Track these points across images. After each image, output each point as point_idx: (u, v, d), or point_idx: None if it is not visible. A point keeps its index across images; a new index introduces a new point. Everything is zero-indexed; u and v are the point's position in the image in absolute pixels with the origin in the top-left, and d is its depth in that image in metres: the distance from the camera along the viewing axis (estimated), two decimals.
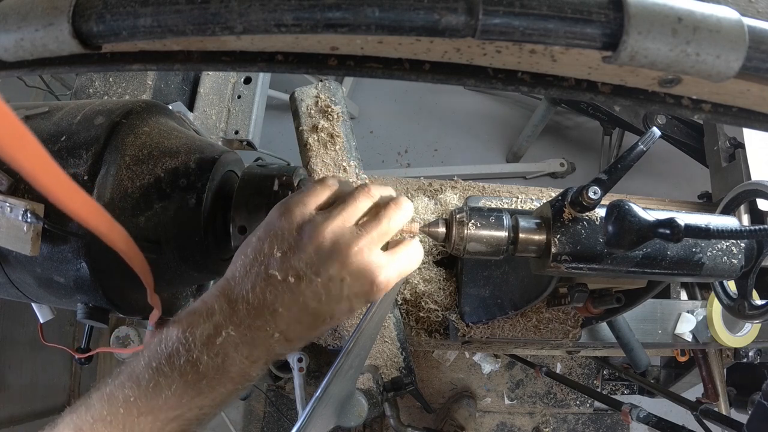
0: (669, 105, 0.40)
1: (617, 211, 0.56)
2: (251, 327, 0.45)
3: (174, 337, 0.45)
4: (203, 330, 0.45)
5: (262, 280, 0.45)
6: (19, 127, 0.34)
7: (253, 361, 0.46)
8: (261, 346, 0.46)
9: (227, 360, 0.45)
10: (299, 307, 0.46)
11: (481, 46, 0.36)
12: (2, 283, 0.68)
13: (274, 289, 0.45)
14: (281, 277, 0.45)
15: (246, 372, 0.47)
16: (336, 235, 0.46)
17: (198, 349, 0.45)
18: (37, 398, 2.00)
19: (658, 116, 1.56)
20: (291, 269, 0.45)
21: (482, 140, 2.64)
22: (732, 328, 1.08)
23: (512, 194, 1.06)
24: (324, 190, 0.51)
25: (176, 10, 0.32)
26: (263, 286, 0.45)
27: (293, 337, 0.47)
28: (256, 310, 0.45)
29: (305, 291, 0.45)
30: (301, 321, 0.46)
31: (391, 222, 0.49)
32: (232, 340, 0.45)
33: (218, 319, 0.45)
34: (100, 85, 1.11)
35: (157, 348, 0.46)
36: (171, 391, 0.44)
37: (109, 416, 0.45)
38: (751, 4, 0.37)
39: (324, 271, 0.45)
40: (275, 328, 0.46)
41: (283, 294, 0.45)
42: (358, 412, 0.86)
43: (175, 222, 0.65)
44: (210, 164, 0.68)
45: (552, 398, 2.03)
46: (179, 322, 0.46)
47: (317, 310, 0.46)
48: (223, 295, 0.47)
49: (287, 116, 1.11)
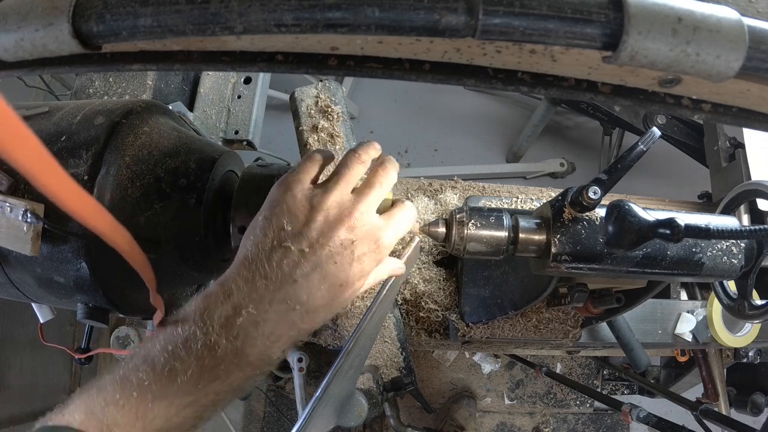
0: (669, 105, 0.40)
1: (617, 211, 0.56)
2: (272, 301, 0.46)
3: (191, 321, 0.45)
4: (222, 311, 0.45)
5: (278, 254, 0.46)
6: (20, 126, 0.34)
7: (275, 340, 0.46)
8: (282, 322, 0.46)
9: (247, 341, 0.45)
10: (317, 274, 0.47)
11: (481, 46, 0.36)
12: (2, 283, 0.68)
13: (290, 260, 0.46)
14: (296, 248, 0.46)
15: (266, 354, 0.46)
16: (338, 203, 0.49)
17: (216, 333, 0.44)
18: (37, 398, 2.00)
19: (658, 116, 1.56)
20: (304, 239, 0.47)
21: (482, 140, 2.64)
22: (732, 328, 1.08)
23: (512, 194, 1.06)
24: (314, 165, 0.54)
25: (176, 10, 0.32)
26: (279, 258, 0.46)
27: (314, 308, 0.47)
28: (275, 284, 0.46)
29: (321, 257, 0.47)
30: (320, 288, 0.47)
31: (383, 185, 0.53)
32: (253, 318, 0.45)
33: (237, 299, 0.45)
34: (100, 85, 1.11)
35: (174, 332, 0.45)
36: (187, 376, 0.44)
37: (122, 400, 0.44)
38: (751, 4, 0.37)
39: (335, 236, 0.47)
40: (296, 300, 0.46)
41: (300, 263, 0.46)
42: (358, 412, 0.86)
43: (175, 222, 0.65)
44: (210, 164, 0.68)
45: (552, 398, 2.03)
46: (196, 306, 0.46)
47: (334, 274, 0.47)
48: (240, 275, 0.47)
49: (287, 116, 1.11)
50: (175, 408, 0.44)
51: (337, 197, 0.49)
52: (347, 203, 0.50)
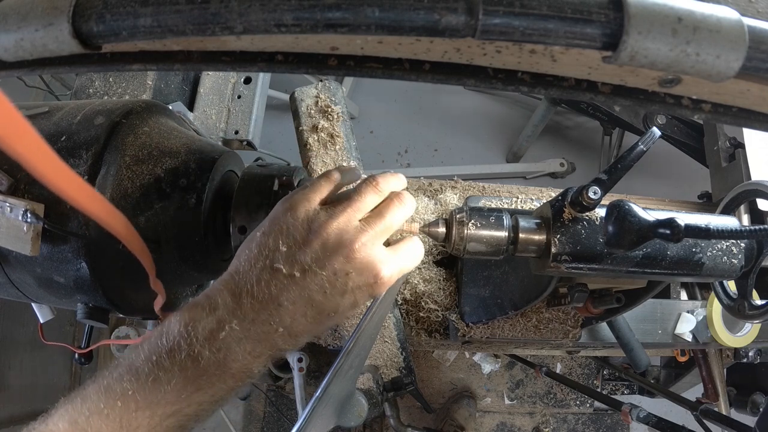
0: (669, 105, 0.40)
1: (617, 211, 0.56)
2: (255, 321, 0.45)
3: (175, 332, 0.45)
4: (206, 324, 0.45)
5: (268, 274, 0.45)
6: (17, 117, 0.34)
7: (256, 356, 0.46)
8: (264, 341, 0.46)
9: (229, 355, 0.45)
10: (304, 301, 0.46)
11: (481, 46, 0.36)
12: (2, 283, 0.68)
13: (279, 283, 0.45)
14: (287, 271, 0.45)
15: (247, 368, 0.46)
16: (341, 230, 0.47)
17: (200, 344, 0.44)
18: (37, 398, 2.00)
19: (658, 116, 1.56)
20: (296, 263, 0.45)
21: (482, 140, 2.64)
22: (732, 328, 1.08)
23: (512, 194, 1.06)
24: (327, 185, 0.51)
25: (176, 10, 0.32)
26: (268, 279, 0.45)
27: (297, 332, 0.47)
28: (261, 304, 0.45)
29: (310, 284, 0.45)
30: (305, 315, 0.46)
31: (394, 218, 0.50)
32: (236, 334, 0.45)
33: (221, 313, 0.45)
34: (100, 85, 1.11)
35: (158, 342, 0.45)
36: (170, 385, 0.44)
37: (106, 409, 0.44)
38: (751, 4, 0.37)
39: (329, 265, 0.46)
40: (280, 323, 0.46)
41: (288, 287, 0.45)
42: (358, 412, 0.86)
43: (175, 222, 0.65)
44: (210, 164, 0.68)
45: (552, 398, 2.03)
46: (181, 316, 0.46)
47: (322, 304, 0.46)
48: (227, 289, 0.46)
49: (287, 116, 1.11)
50: (158, 417, 0.44)
51: (341, 224, 0.47)
52: (350, 231, 0.47)
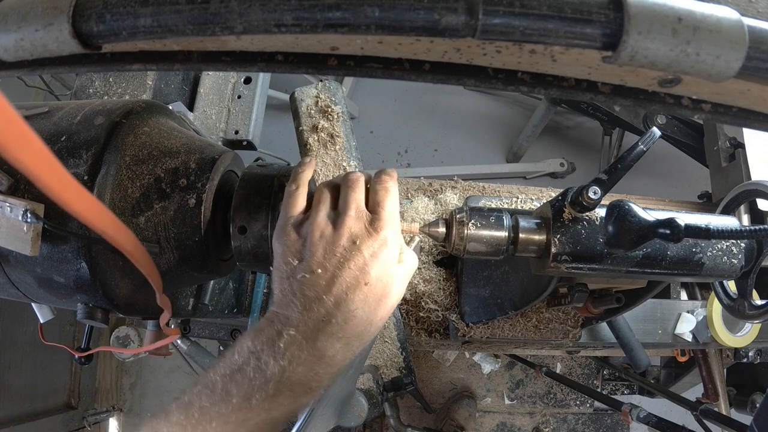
0: (669, 105, 0.40)
1: (617, 211, 0.56)
2: (307, 321, 0.50)
3: (245, 347, 0.51)
4: (267, 334, 0.51)
5: (297, 284, 0.52)
6: (24, 128, 0.34)
7: (319, 357, 0.50)
8: (323, 336, 0.50)
9: (293, 360, 0.49)
10: (336, 286, 0.51)
11: (481, 46, 0.36)
12: (2, 283, 0.68)
13: (309, 285, 0.51)
14: (308, 275, 0.52)
15: (313, 370, 0.51)
16: (321, 228, 0.54)
17: (265, 354, 0.50)
18: (37, 398, 2.01)
19: (658, 116, 1.56)
20: (313, 264, 0.52)
21: (482, 140, 2.64)
22: (732, 328, 1.08)
23: (512, 194, 1.06)
24: (295, 199, 0.58)
25: (176, 10, 0.32)
26: (299, 287, 0.52)
27: (348, 316, 0.51)
28: (304, 306, 0.51)
29: (332, 270, 0.52)
30: (347, 294, 0.51)
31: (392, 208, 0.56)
32: (294, 339, 0.50)
33: (278, 325, 0.51)
34: (100, 85, 1.11)
35: (231, 359, 0.51)
36: (240, 396, 0.49)
37: (185, 421, 0.49)
38: (751, 4, 0.37)
39: (334, 251, 0.52)
40: (328, 315, 0.51)
41: (316, 283, 0.51)
42: (358, 412, 0.86)
43: (175, 222, 0.65)
44: (210, 164, 0.68)
45: (552, 398, 2.03)
46: (249, 333, 0.52)
47: (349, 282, 0.52)
48: (278, 305, 0.53)
49: (287, 116, 1.11)
50: (231, 426, 0.49)
51: (316, 220, 0.54)
52: (327, 232, 0.54)
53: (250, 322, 1.04)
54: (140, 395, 2.58)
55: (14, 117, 0.33)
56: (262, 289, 1.04)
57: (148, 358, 2.34)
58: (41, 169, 0.37)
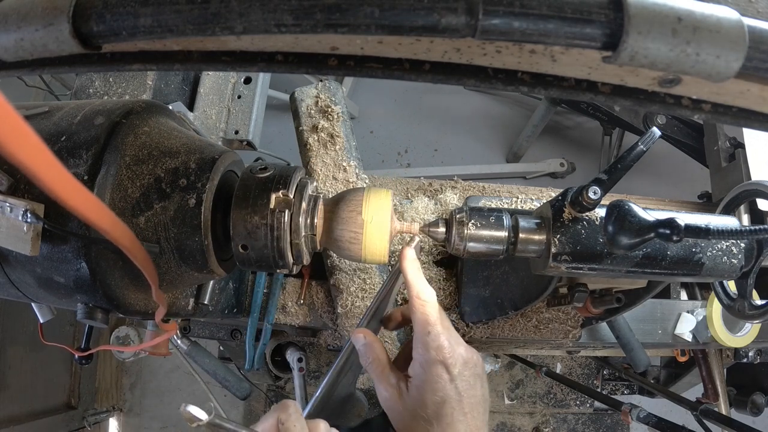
0: (669, 105, 0.40)
1: (617, 211, 0.56)
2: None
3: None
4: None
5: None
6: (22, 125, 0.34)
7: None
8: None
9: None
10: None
11: (481, 46, 0.36)
12: (2, 283, 0.68)
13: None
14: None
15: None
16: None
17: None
18: (37, 398, 2.01)
19: (658, 116, 1.56)
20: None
21: (482, 140, 2.64)
22: (732, 328, 1.08)
23: (512, 194, 1.06)
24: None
25: (176, 10, 0.32)
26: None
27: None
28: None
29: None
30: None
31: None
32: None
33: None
34: (100, 85, 1.11)
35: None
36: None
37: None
38: (751, 4, 0.37)
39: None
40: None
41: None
42: (358, 412, 0.86)
43: (175, 222, 0.65)
44: (210, 164, 0.67)
45: (552, 398, 2.03)
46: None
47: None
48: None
49: (287, 116, 1.11)
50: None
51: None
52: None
53: (250, 322, 1.04)
54: (140, 395, 2.58)
55: (14, 117, 0.33)
56: (262, 289, 1.04)
57: (148, 358, 2.34)
58: (40, 166, 0.37)
